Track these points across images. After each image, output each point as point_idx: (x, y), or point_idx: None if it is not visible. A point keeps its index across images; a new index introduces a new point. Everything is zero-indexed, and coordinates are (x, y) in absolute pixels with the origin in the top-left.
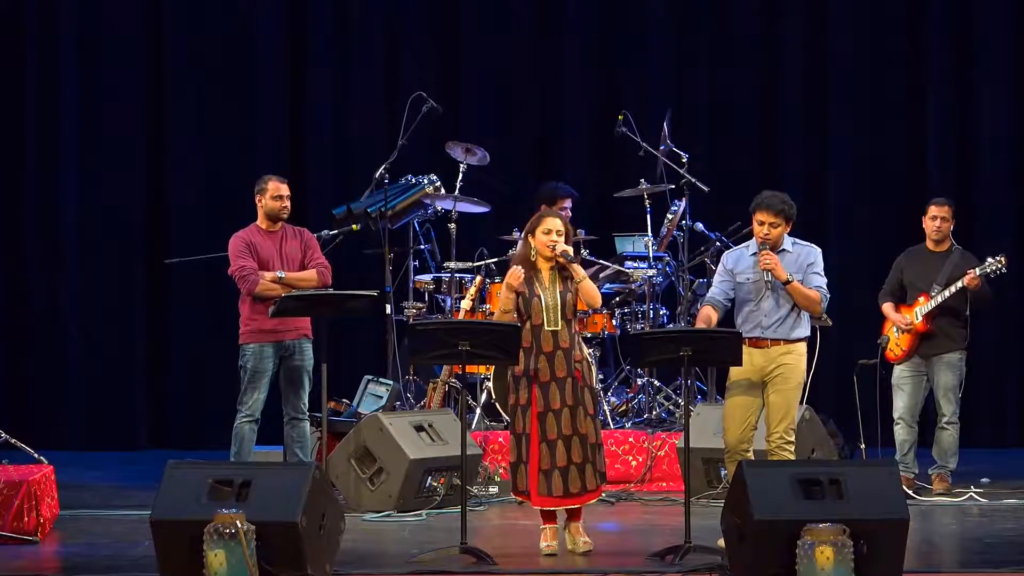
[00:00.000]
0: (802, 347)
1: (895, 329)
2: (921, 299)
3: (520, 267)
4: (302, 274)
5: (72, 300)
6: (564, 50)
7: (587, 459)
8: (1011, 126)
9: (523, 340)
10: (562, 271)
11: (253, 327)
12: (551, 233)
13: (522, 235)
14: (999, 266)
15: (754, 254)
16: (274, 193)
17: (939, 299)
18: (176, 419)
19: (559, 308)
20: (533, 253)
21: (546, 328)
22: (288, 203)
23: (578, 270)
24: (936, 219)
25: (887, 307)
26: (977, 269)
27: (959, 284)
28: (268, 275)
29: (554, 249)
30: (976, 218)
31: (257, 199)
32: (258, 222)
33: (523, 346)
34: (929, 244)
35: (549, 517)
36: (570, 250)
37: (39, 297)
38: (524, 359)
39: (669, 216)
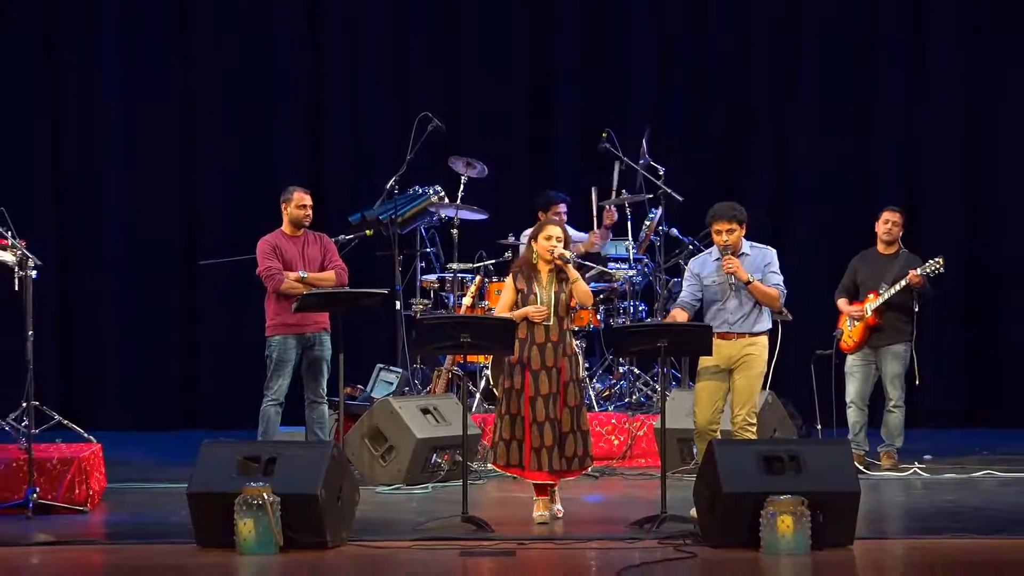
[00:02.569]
0: (764, 339)
1: (848, 322)
2: (871, 296)
3: (545, 307)
4: (322, 274)
5: (116, 300)
6: (555, 75)
7: (556, 443)
8: (958, 137)
9: (519, 331)
10: (559, 274)
11: (278, 321)
12: (551, 239)
13: (527, 241)
14: (938, 266)
15: (717, 259)
16: (299, 203)
17: (886, 296)
18: (209, 403)
19: (553, 305)
20: (535, 256)
21: (541, 323)
22: (310, 211)
23: (572, 272)
24: (888, 223)
25: (842, 302)
26: (919, 269)
27: (903, 283)
28: (292, 275)
29: (552, 253)
30: (922, 223)
31: (283, 207)
32: (283, 227)
33: (519, 337)
34: (880, 247)
35: (541, 490)
36: (567, 254)
37: (86, 295)
38: (519, 348)
39: (647, 223)
